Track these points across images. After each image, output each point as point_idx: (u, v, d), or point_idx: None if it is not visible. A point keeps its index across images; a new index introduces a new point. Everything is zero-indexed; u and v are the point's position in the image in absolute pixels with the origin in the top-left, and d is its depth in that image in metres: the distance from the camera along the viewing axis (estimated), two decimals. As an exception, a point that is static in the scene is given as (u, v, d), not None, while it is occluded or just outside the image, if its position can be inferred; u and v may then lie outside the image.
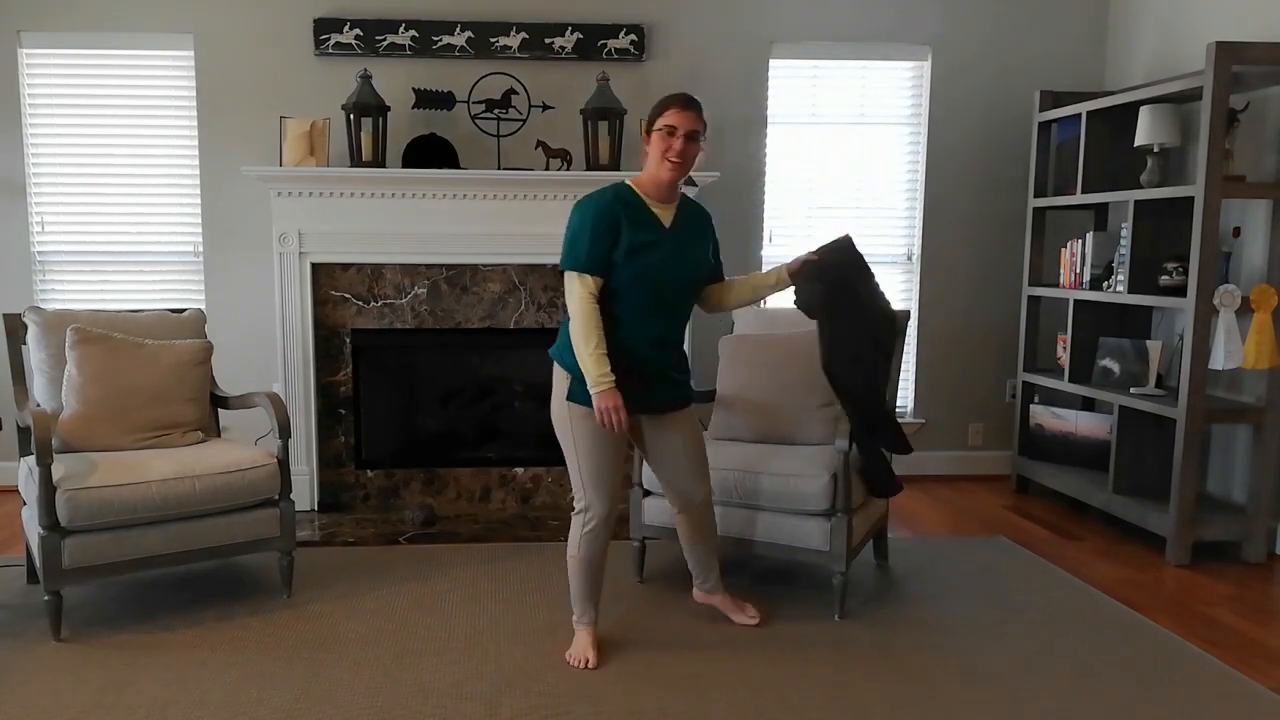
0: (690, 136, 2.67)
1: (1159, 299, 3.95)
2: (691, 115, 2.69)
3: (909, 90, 5.03)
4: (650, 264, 2.66)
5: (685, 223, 2.78)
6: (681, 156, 2.67)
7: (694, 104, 2.71)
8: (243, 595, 3.36)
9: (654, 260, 2.66)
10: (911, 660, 2.89)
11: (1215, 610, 3.32)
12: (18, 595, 3.34)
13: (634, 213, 2.67)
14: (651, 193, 2.72)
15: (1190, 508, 3.77)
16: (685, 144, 2.67)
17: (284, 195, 4.26)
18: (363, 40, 4.57)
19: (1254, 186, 3.80)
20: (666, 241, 2.70)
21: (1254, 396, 3.90)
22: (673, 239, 2.72)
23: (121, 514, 2.98)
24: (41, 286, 4.71)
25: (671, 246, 2.71)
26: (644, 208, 2.70)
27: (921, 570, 3.66)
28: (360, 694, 2.64)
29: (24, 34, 4.54)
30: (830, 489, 3.08)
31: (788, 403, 3.49)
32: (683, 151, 2.66)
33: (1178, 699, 2.66)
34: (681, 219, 2.77)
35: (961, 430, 5.20)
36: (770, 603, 3.31)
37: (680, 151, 2.66)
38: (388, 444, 4.54)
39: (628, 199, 2.70)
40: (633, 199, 2.70)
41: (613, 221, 2.63)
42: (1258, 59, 3.58)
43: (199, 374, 3.48)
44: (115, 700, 2.60)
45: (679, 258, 2.72)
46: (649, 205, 2.71)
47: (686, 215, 2.79)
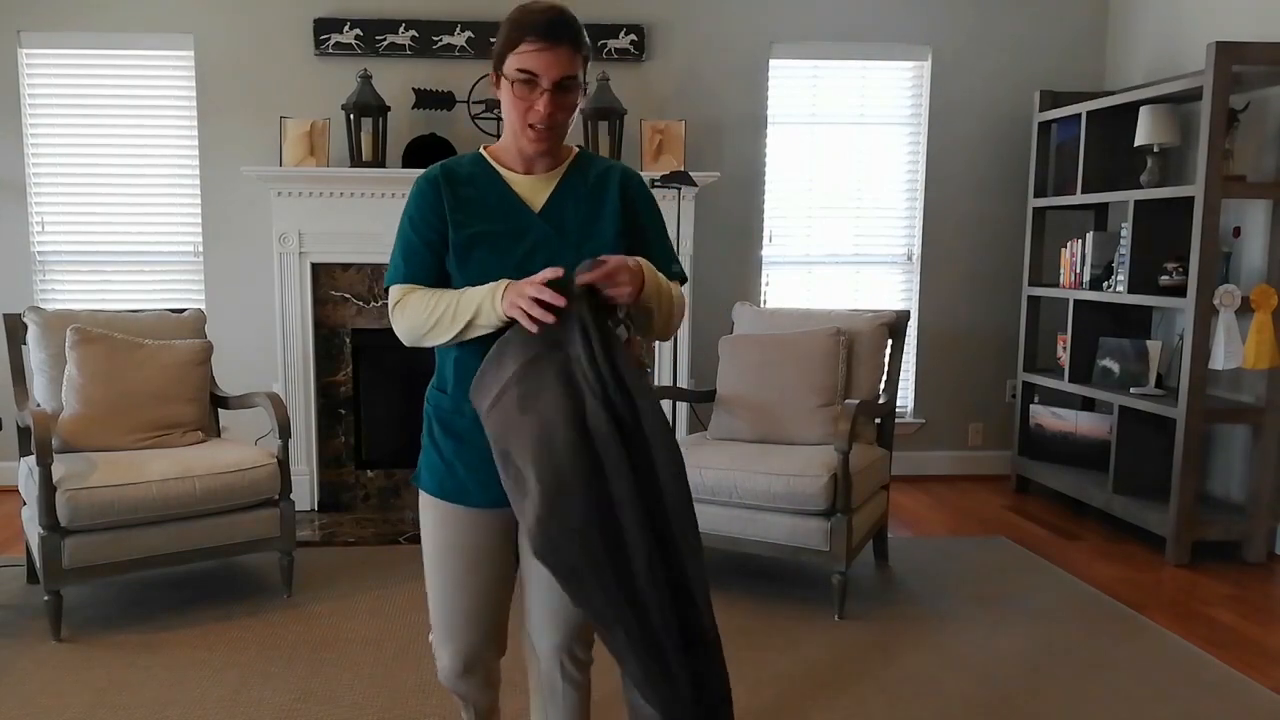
0: (562, 86, 1.64)
1: (1159, 299, 3.95)
2: (562, 52, 1.62)
3: (909, 90, 5.03)
4: (500, 266, 1.69)
5: (573, 199, 1.76)
6: (551, 122, 1.66)
7: (563, 29, 1.63)
8: (243, 595, 3.36)
9: (509, 260, 1.70)
10: (911, 660, 2.89)
11: (1215, 610, 3.32)
12: (18, 595, 3.34)
13: (472, 192, 1.74)
14: (512, 163, 1.77)
15: (1190, 508, 3.77)
16: (554, 102, 1.64)
17: (284, 195, 4.26)
18: (363, 40, 4.57)
19: (1254, 186, 3.80)
20: (532, 230, 1.72)
21: (1254, 396, 3.90)
22: (545, 225, 1.73)
23: (121, 514, 2.98)
24: (41, 286, 4.71)
25: (540, 236, 1.72)
26: (493, 183, 1.75)
27: (921, 570, 3.66)
28: (360, 694, 2.64)
29: (24, 34, 4.54)
30: (830, 489, 3.08)
31: (788, 403, 3.49)
32: (551, 115, 1.65)
33: (1177, 699, 2.66)
34: (566, 194, 1.76)
35: (961, 430, 5.20)
36: (770, 603, 3.31)
37: (548, 116, 1.65)
38: (388, 444, 4.54)
39: (464, 173, 1.76)
40: (474, 172, 1.76)
41: (431, 210, 1.73)
42: (1258, 59, 3.58)
43: (199, 374, 3.48)
44: (115, 700, 2.60)
45: (558, 253, 1.70)
46: (504, 180, 1.75)
47: (577, 187, 1.77)
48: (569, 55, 1.63)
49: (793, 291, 5.06)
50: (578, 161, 1.80)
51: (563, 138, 1.74)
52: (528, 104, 1.65)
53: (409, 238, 1.75)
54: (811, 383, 3.49)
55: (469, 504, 1.76)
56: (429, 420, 1.81)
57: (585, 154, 1.83)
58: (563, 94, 1.65)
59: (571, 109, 1.68)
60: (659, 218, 1.84)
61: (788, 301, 5.03)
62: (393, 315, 1.75)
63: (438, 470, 1.79)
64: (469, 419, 1.72)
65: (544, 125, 1.66)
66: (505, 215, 1.73)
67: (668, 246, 1.83)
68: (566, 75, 1.63)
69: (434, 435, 1.80)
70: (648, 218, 1.81)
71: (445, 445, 1.78)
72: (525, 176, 1.76)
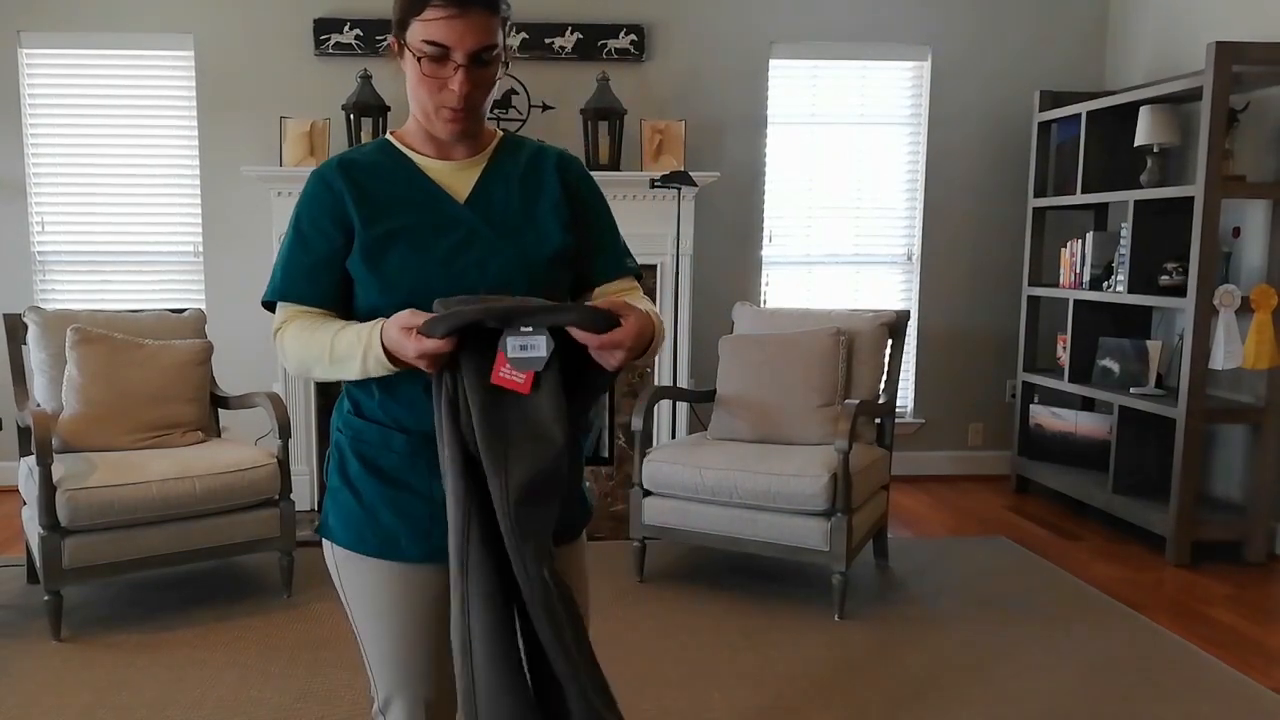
0: (479, 59, 1.37)
1: (1159, 299, 3.95)
2: (476, 19, 1.35)
3: (909, 90, 5.03)
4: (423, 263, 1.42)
5: (503, 185, 1.49)
6: (468, 102, 1.39)
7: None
8: (242, 595, 3.36)
9: (432, 256, 1.42)
10: (911, 660, 2.89)
11: (1215, 610, 3.32)
12: (18, 595, 3.34)
13: (379, 184, 1.46)
14: (424, 147, 1.49)
15: (1190, 508, 3.77)
16: (470, 78, 1.38)
17: (284, 195, 4.26)
18: (363, 40, 4.57)
19: (1254, 186, 3.80)
20: (459, 221, 1.45)
21: (1254, 396, 3.90)
22: (473, 215, 1.46)
23: (121, 514, 2.98)
24: (41, 286, 4.71)
25: (469, 228, 1.44)
26: (405, 171, 1.48)
27: (921, 570, 3.66)
28: (360, 694, 2.64)
29: (24, 34, 4.54)
30: (830, 489, 3.08)
31: (788, 403, 3.49)
32: (468, 95, 1.38)
33: (1177, 699, 2.66)
34: (494, 180, 1.49)
35: (961, 430, 5.20)
36: (770, 603, 3.31)
37: (464, 97, 1.38)
38: (388, 444, 4.53)
39: (367, 163, 1.49)
40: (380, 161, 1.49)
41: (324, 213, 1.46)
42: (1258, 59, 3.58)
43: (199, 374, 3.48)
44: (115, 700, 2.60)
45: (490, 246, 1.44)
46: (418, 167, 1.48)
47: (506, 172, 1.51)
48: (485, 21, 1.35)
49: (793, 291, 5.06)
50: (504, 145, 1.54)
51: (482, 118, 1.47)
52: (439, 82, 1.38)
53: (292, 249, 1.47)
54: (811, 383, 3.49)
55: (399, 559, 1.45)
56: (340, 454, 1.51)
57: (511, 136, 1.58)
58: (480, 68, 1.38)
59: (490, 84, 1.42)
60: (606, 205, 1.58)
61: (788, 301, 5.03)
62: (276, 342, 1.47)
63: (355, 518, 1.47)
64: (400, 453, 1.44)
65: (459, 105, 1.38)
66: (424, 206, 1.45)
67: (619, 239, 1.59)
68: (484, 45, 1.36)
69: (348, 474, 1.48)
70: (595, 208, 1.55)
71: (366, 487, 1.46)
72: (443, 162, 1.48)
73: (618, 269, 1.56)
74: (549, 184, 1.51)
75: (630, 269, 1.58)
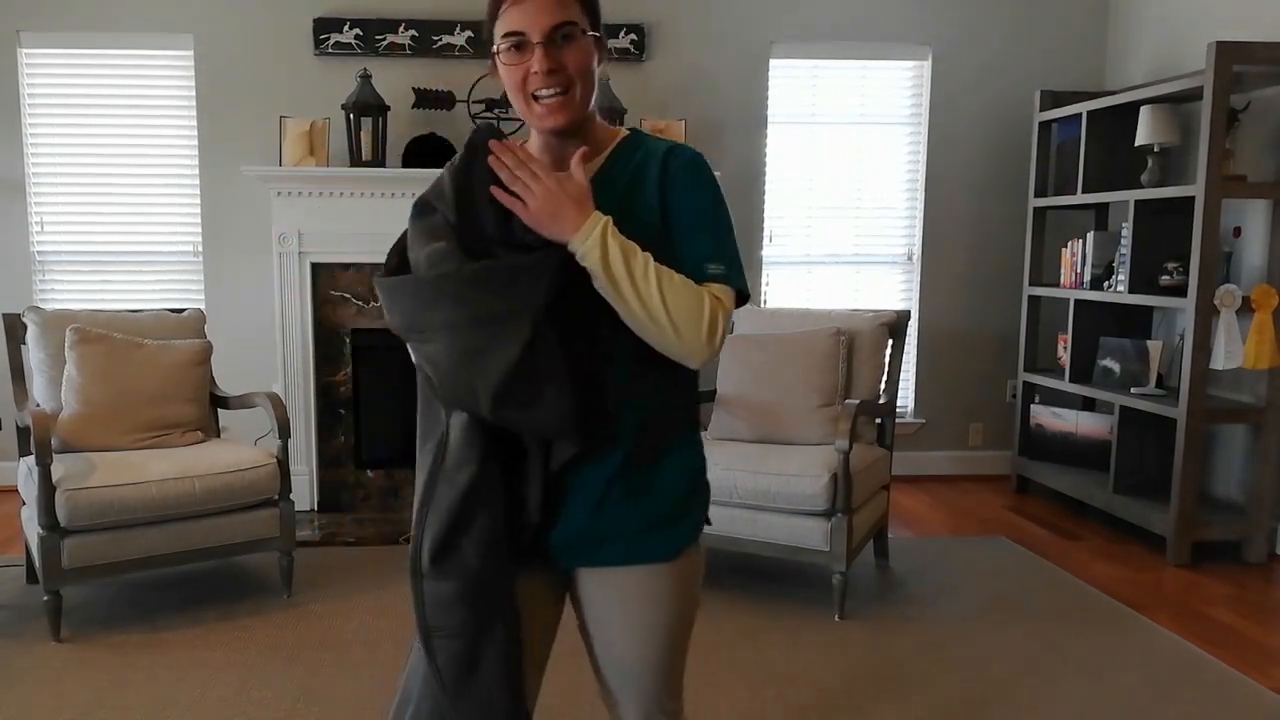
0: (558, 38, 1.32)
1: (1159, 299, 3.94)
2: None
3: (909, 90, 5.03)
4: None
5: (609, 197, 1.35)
6: (555, 83, 1.33)
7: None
8: (242, 595, 3.35)
9: None
10: (911, 660, 2.89)
11: (1215, 610, 3.32)
12: (17, 595, 3.34)
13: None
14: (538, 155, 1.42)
15: (1190, 508, 3.76)
16: (549, 55, 1.32)
17: (284, 195, 4.26)
18: (362, 40, 4.57)
19: (1254, 186, 3.80)
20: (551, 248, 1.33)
21: (1254, 396, 3.90)
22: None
23: (121, 514, 2.98)
24: (41, 286, 4.70)
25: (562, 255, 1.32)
26: None
27: (921, 570, 3.66)
28: (360, 694, 2.64)
29: (24, 34, 4.54)
30: (830, 489, 3.08)
31: (788, 403, 3.49)
32: (551, 72, 1.32)
33: (1178, 699, 2.66)
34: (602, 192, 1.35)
35: (962, 430, 5.20)
36: (770, 602, 3.31)
37: (547, 74, 1.32)
38: (387, 444, 4.53)
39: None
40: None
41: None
42: (1258, 59, 3.58)
43: (198, 374, 3.48)
44: (115, 700, 2.60)
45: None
46: None
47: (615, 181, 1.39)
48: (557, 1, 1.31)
49: (793, 291, 5.06)
50: (620, 149, 1.41)
51: (582, 107, 1.35)
52: (523, 69, 1.32)
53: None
54: (812, 383, 3.49)
55: None
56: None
57: (636, 136, 1.44)
58: (562, 46, 1.31)
59: (582, 66, 1.33)
60: (702, 200, 1.38)
61: (788, 301, 5.03)
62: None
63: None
64: None
65: (549, 90, 1.32)
66: None
67: (707, 240, 1.37)
68: (558, 22, 1.30)
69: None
70: (684, 203, 1.37)
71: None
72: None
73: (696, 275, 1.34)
74: (649, 188, 1.38)
75: (711, 275, 1.34)
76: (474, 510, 1.31)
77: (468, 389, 1.27)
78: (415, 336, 1.30)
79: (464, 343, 1.25)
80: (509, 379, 1.24)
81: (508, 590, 1.37)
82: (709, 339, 1.31)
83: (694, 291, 1.31)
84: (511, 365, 1.23)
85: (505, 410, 1.27)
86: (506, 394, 1.25)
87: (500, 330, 1.24)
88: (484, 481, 1.31)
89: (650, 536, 1.41)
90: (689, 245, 1.36)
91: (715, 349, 1.32)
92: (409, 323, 1.29)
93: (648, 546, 1.41)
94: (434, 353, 1.28)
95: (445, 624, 1.35)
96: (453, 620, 1.35)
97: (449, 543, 1.32)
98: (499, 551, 1.33)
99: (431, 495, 1.33)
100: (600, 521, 1.39)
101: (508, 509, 1.35)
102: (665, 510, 1.41)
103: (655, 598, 1.43)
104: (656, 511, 1.41)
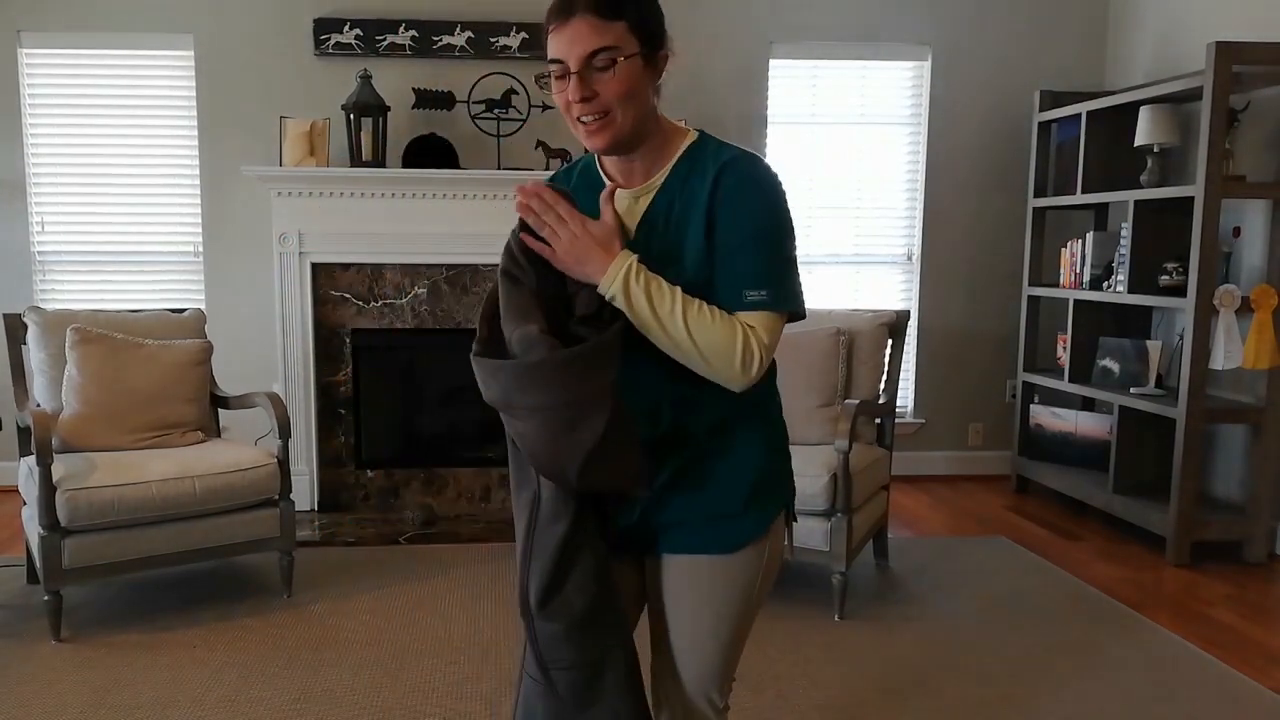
0: (590, 64, 1.34)
1: (1159, 299, 3.95)
2: (581, 24, 1.33)
3: (909, 90, 5.03)
4: None
5: (667, 212, 1.42)
6: (595, 106, 1.35)
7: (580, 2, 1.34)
8: (243, 595, 3.36)
9: None
10: (911, 660, 2.89)
11: (1215, 610, 3.32)
12: (18, 595, 3.34)
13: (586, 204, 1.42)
14: (613, 172, 1.47)
15: (1190, 508, 3.77)
16: (584, 83, 1.34)
17: (284, 195, 4.26)
18: (363, 40, 4.57)
19: (1254, 186, 3.80)
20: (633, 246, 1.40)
21: (1254, 396, 3.90)
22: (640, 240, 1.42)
23: (121, 514, 2.98)
24: (41, 287, 4.71)
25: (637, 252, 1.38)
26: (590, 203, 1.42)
27: (921, 570, 3.66)
28: (360, 694, 2.65)
29: (24, 34, 4.54)
30: (830, 489, 3.08)
31: (787, 403, 3.45)
32: (586, 100, 1.35)
33: (1177, 699, 2.66)
34: (658, 213, 1.42)
35: (961, 430, 5.20)
36: (770, 602, 3.31)
37: (581, 102, 1.35)
38: (388, 444, 4.54)
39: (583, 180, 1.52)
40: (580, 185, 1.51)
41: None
42: (1258, 59, 3.58)
43: (199, 374, 3.49)
44: (115, 700, 2.60)
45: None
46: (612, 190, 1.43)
47: (673, 194, 1.42)
48: (592, 25, 1.32)
49: (793, 291, 5.05)
50: (683, 160, 1.42)
51: (627, 128, 1.37)
52: (564, 96, 1.36)
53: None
54: (811, 383, 3.49)
55: None
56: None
57: (701, 143, 1.44)
58: (600, 73, 1.33)
59: (622, 91, 1.34)
60: (748, 220, 1.37)
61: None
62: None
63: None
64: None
65: (588, 116, 1.35)
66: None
67: (746, 263, 1.36)
68: (592, 50, 1.33)
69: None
70: (730, 221, 1.36)
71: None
72: (623, 191, 1.43)
73: (733, 302, 1.36)
74: (699, 202, 1.38)
75: (751, 303, 1.35)
76: (573, 559, 1.39)
77: (556, 465, 1.33)
78: (508, 412, 1.36)
79: (553, 425, 1.31)
80: (593, 455, 1.30)
81: (621, 619, 1.45)
82: (743, 370, 1.34)
83: (726, 325, 1.34)
84: (596, 443, 1.30)
85: (588, 480, 1.33)
86: (590, 467, 1.32)
87: (585, 411, 1.30)
88: (579, 531, 1.38)
89: (710, 529, 1.47)
90: (727, 271, 1.37)
91: (752, 378, 1.35)
92: (503, 401, 1.34)
93: (707, 538, 1.47)
94: (525, 430, 1.34)
95: (559, 658, 1.42)
96: (565, 655, 1.41)
97: (552, 588, 1.39)
98: (602, 592, 1.41)
99: (531, 545, 1.40)
100: (668, 510, 1.47)
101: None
102: (726, 504, 1.46)
103: (711, 588, 1.48)
104: (717, 505, 1.46)
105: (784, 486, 1.55)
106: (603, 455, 1.31)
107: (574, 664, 1.41)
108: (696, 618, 1.50)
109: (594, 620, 1.40)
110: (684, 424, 1.43)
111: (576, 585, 1.39)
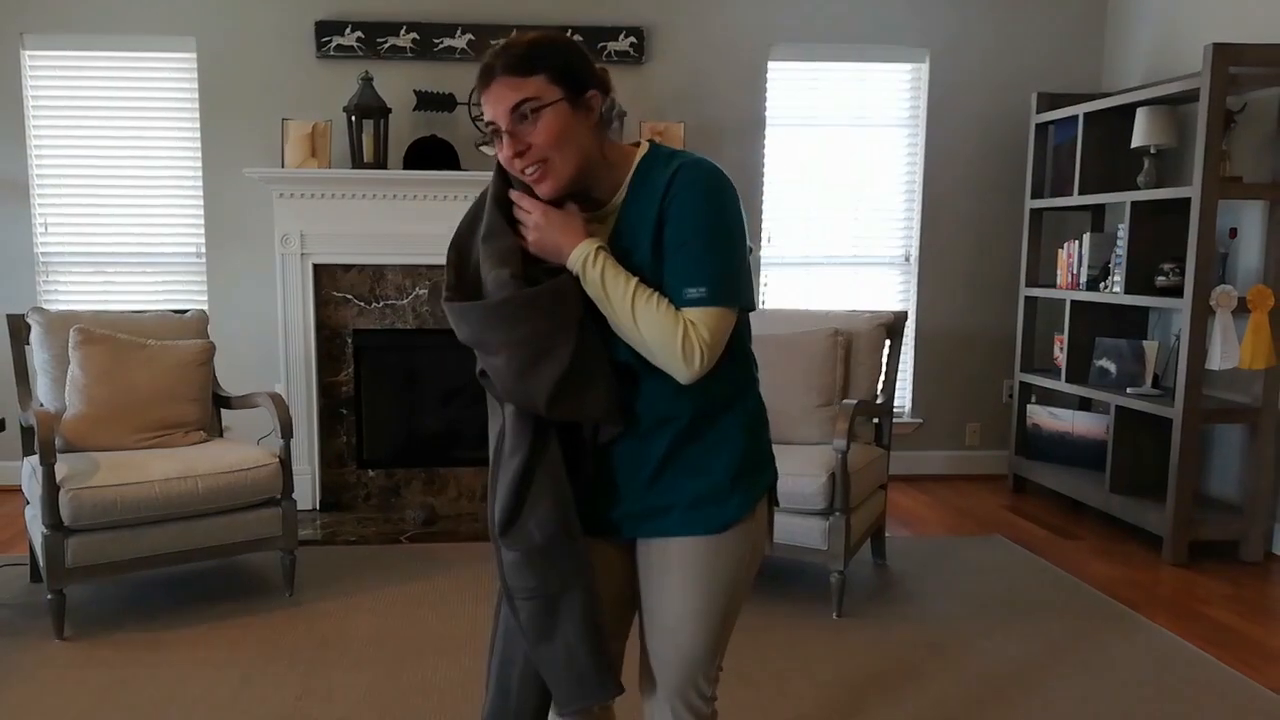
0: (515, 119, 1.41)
1: (1156, 299, 3.97)
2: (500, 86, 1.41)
3: (907, 92, 5.05)
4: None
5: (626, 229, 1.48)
6: (531, 157, 1.42)
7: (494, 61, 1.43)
8: (245, 594, 3.38)
9: None
10: (910, 660, 2.91)
11: (1212, 609, 3.34)
12: (21, 594, 3.36)
13: None
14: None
15: (1187, 507, 3.78)
16: (516, 141, 1.41)
17: (286, 196, 4.28)
18: (364, 42, 4.59)
19: (1251, 187, 3.82)
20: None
21: (1250, 396, 3.92)
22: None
23: (124, 513, 3.00)
24: (45, 288, 4.73)
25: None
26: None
27: (919, 570, 3.68)
28: (362, 693, 2.66)
29: (27, 36, 4.56)
30: (828, 488, 3.10)
31: (786, 403, 3.51)
32: (520, 154, 1.42)
33: (1175, 698, 2.68)
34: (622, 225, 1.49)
35: (959, 430, 5.22)
36: (768, 601, 3.33)
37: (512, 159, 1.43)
38: (389, 443, 4.56)
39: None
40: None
41: None
42: (1255, 60, 3.60)
43: (201, 374, 3.51)
44: (117, 699, 2.62)
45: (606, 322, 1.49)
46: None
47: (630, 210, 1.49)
48: (509, 84, 1.39)
49: (791, 292, 5.08)
50: (634, 177, 1.48)
51: (567, 172, 1.43)
52: (505, 153, 1.43)
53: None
54: (810, 383, 3.51)
55: None
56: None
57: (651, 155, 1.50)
58: (525, 124, 1.40)
59: (551, 138, 1.40)
60: (690, 220, 1.41)
61: (786, 302, 5.05)
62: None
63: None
64: None
65: (529, 168, 1.43)
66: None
67: (687, 262, 1.41)
68: (513, 105, 1.39)
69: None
70: (676, 224, 1.42)
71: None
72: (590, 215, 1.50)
73: (676, 298, 1.42)
74: (652, 208, 1.44)
75: (690, 300, 1.41)
76: (529, 490, 1.47)
77: (526, 395, 1.44)
78: (480, 349, 1.48)
79: (522, 356, 1.42)
80: (560, 384, 1.41)
81: (581, 563, 1.49)
82: (686, 363, 1.41)
83: (669, 318, 1.41)
84: (562, 373, 1.41)
85: (557, 409, 1.44)
86: (559, 395, 1.42)
87: (552, 344, 1.41)
88: (537, 464, 1.47)
89: (698, 511, 1.52)
90: (671, 270, 1.43)
91: (697, 371, 1.41)
92: (475, 339, 1.46)
93: (694, 520, 1.53)
94: (497, 365, 1.45)
95: (520, 585, 1.51)
96: (526, 584, 1.50)
97: (512, 518, 1.48)
98: (563, 528, 1.47)
99: (495, 475, 1.51)
100: (654, 495, 1.53)
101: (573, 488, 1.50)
102: (713, 487, 1.52)
103: (697, 568, 1.54)
104: (705, 488, 1.52)
105: (767, 468, 1.60)
106: (570, 385, 1.42)
107: (534, 593, 1.49)
108: (684, 598, 1.54)
109: (552, 552, 1.48)
110: (669, 412, 1.49)
111: (537, 519, 1.47)
